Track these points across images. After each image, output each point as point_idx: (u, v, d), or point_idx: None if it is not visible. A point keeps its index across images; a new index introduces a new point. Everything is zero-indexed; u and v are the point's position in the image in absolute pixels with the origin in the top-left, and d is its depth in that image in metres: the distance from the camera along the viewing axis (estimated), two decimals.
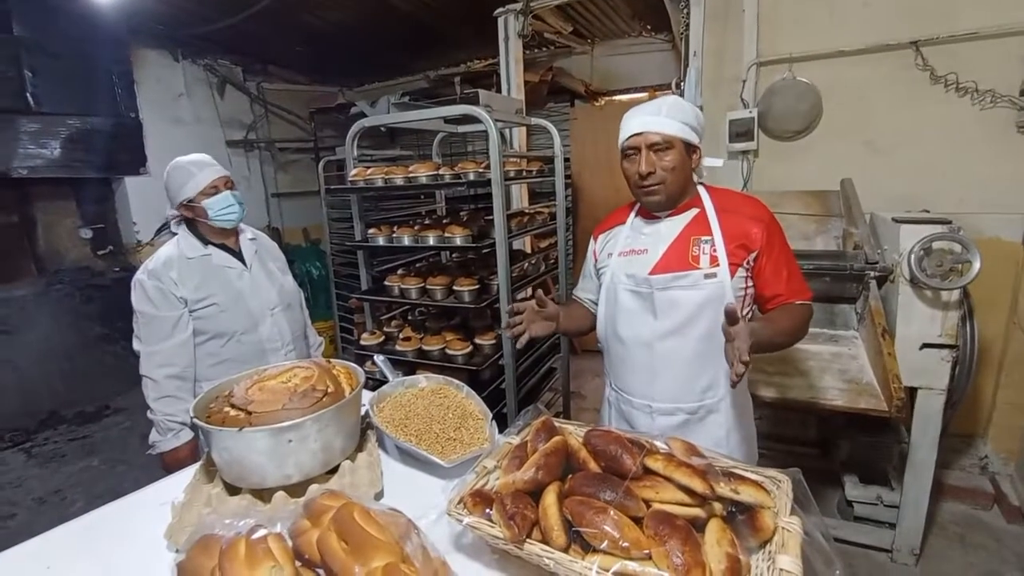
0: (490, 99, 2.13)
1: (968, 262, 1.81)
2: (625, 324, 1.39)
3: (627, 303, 1.38)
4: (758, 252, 1.29)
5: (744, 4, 2.64)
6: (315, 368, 1.20)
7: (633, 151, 1.30)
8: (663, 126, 1.25)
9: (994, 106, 2.31)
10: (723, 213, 1.32)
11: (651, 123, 1.26)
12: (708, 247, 1.29)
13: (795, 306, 1.31)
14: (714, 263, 1.27)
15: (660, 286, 1.31)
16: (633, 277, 1.35)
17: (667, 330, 1.32)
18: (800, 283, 1.33)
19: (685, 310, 1.30)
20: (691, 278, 1.28)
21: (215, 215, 1.66)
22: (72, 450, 3.51)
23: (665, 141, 1.26)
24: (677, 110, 1.27)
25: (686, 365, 1.33)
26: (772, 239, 1.30)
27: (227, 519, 0.81)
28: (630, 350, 1.39)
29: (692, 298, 1.29)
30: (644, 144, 1.27)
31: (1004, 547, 2.22)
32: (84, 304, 4.06)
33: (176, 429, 1.62)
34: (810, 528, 0.81)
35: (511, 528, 0.81)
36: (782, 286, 1.30)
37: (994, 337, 2.48)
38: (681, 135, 1.26)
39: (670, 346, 1.33)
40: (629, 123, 1.30)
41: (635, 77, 4.58)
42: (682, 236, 1.33)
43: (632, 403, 1.42)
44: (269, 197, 5.39)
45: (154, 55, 4.37)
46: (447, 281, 2.14)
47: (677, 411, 1.36)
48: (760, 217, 1.32)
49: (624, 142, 1.31)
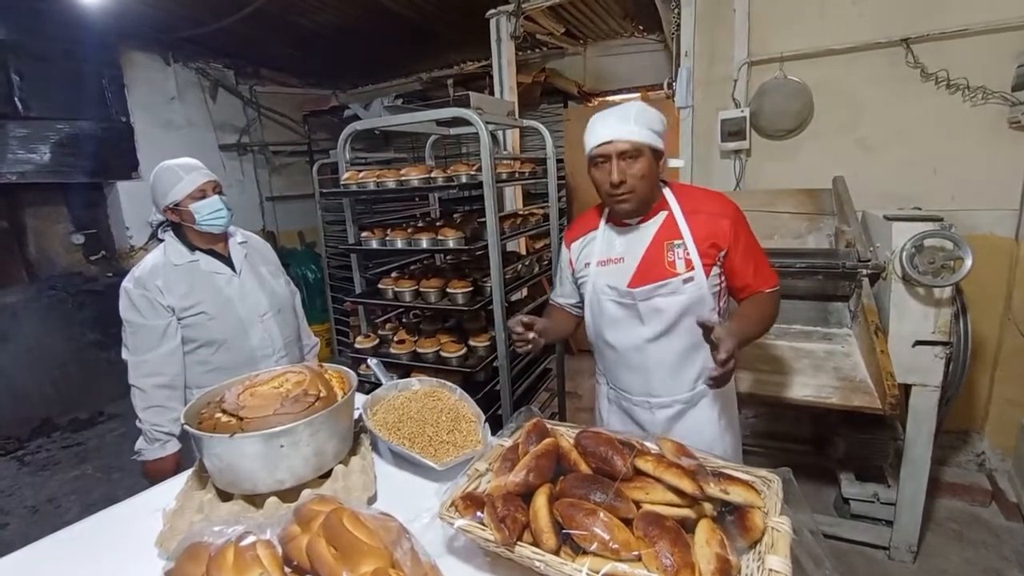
0: (481, 101, 2.13)
1: (960, 259, 1.81)
2: (613, 331, 1.44)
3: (613, 312, 1.42)
4: (728, 248, 1.34)
5: (735, 4, 2.65)
6: (307, 372, 1.19)
7: (602, 159, 1.30)
8: (632, 134, 1.25)
9: (985, 102, 2.32)
10: (691, 214, 1.35)
11: (620, 131, 1.26)
12: (681, 251, 1.33)
13: (763, 295, 1.38)
14: (689, 267, 1.32)
15: (643, 297, 1.36)
16: (615, 289, 1.39)
17: (655, 334, 1.38)
18: (767, 271, 1.40)
19: (669, 314, 1.35)
20: (671, 286, 1.33)
21: (202, 219, 1.62)
22: (66, 458, 3.49)
23: (635, 149, 1.26)
24: (645, 117, 1.28)
25: (676, 361, 1.40)
26: (739, 233, 1.35)
27: (216, 526, 0.80)
28: (622, 354, 1.45)
29: (674, 303, 1.34)
30: (614, 152, 1.27)
31: (1002, 544, 2.22)
32: (77, 310, 4.03)
33: (163, 440, 1.61)
34: (800, 527, 0.81)
35: (502, 531, 0.81)
36: (750, 277, 1.37)
37: (989, 333, 2.49)
38: (649, 142, 1.27)
39: (660, 347, 1.39)
40: (597, 130, 1.29)
41: (628, 77, 4.59)
42: (655, 242, 1.36)
43: (632, 400, 1.49)
44: (263, 201, 5.37)
45: (145, 58, 4.35)
46: (441, 284, 2.13)
47: (674, 402, 1.44)
48: (726, 213, 1.36)
49: (593, 149, 1.30)
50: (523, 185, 3.46)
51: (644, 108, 1.30)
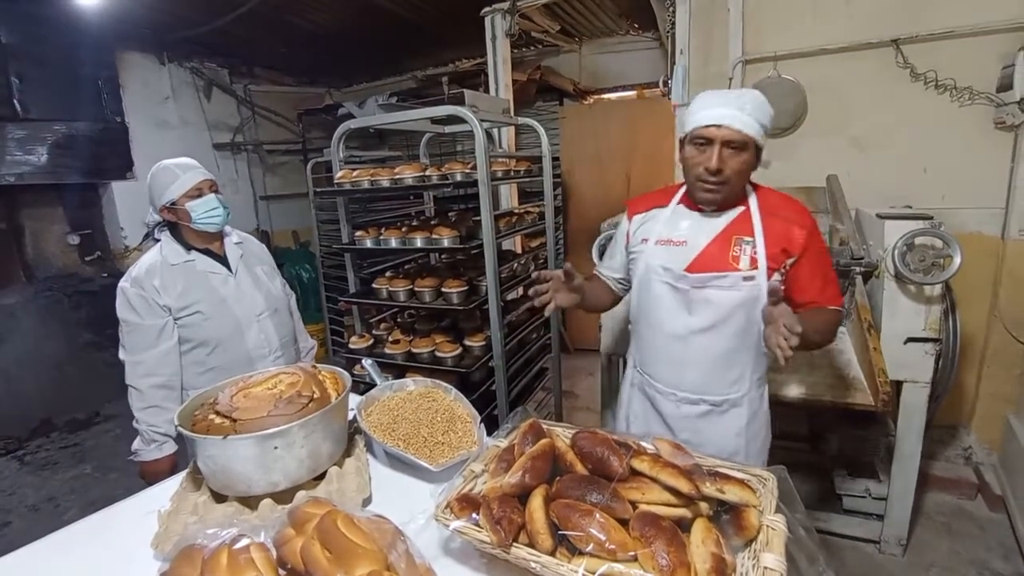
0: (476, 99, 2.12)
1: (949, 257, 1.83)
2: (658, 315, 1.37)
3: (661, 295, 1.35)
4: (797, 257, 1.27)
5: (729, 3, 2.66)
6: (300, 374, 1.19)
7: (704, 141, 1.22)
8: (744, 125, 1.18)
9: (972, 103, 2.35)
10: (767, 216, 1.29)
11: (733, 118, 1.18)
12: (749, 248, 1.26)
13: (827, 309, 1.30)
14: (753, 265, 1.25)
15: (697, 284, 1.29)
16: (670, 271, 1.32)
17: (701, 327, 1.31)
18: (834, 290, 1.32)
19: (720, 309, 1.29)
20: (729, 279, 1.26)
21: (198, 218, 1.62)
22: (64, 458, 3.48)
23: (742, 141, 1.19)
24: (759, 109, 1.20)
25: (717, 360, 1.33)
26: (812, 245, 1.28)
27: (211, 528, 0.80)
28: (662, 341, 1.39)
29: (728, 298, 1.28)
30: (720, 138, 1.19)
31: (988, 535, 2.26)
32: (73, 310, 4.02)
33: (160, 441, 1.61)
34: (794, 525, 0.82)
35: (497, 532, 0.81)
36: (816, 292, 1.29)
37: (976, 330, 2.52)
38: (757, 137, 1.20)
39: (703, 341, 1.32)
40: (707, 109, 1.21)
41: (623, 75, 4.59)
42: (724, 234, 1.29)
43: (658, 388, 1.43)
44: (257, 200, 5.35)
45: (139, 59, 4.32)
46: (436, 283, 2.13)
47: (702, 402, 1.37)
48: (803, 223, 1.29)
49: (697, 128, 1.22)
50: (518, 183, 3.46)
51: (759, 98, 1.21)
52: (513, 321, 2.37)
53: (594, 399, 3.29)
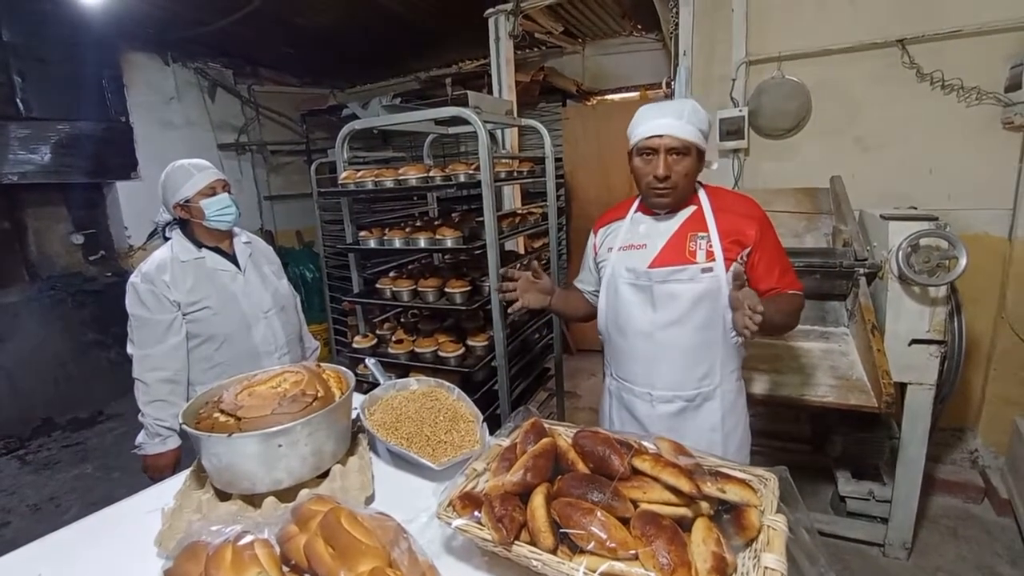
0: (479, 100, 2.13)
1: (955, 258, 1.82)
2: (625, 315, 1.44)
3: (627, 296, 1.43)
4: (751, 248, 1.35)
5: (733, 3, 2.65)
6: (305, 372, 1.19)
7: (649, 152, 1.31)
8: (684, 132, 1.27)
9: (979, 103, 2.33)
10: (719, 212, 1.38)
11: (673, 127, 1.27)
12: (704, 243, 1.34)
13: (787, 294, 1.38)
14: (710, 258, 1.33)
15: (659, 279, 1.36)
16: (633, 271, 1.40)
17: (666, 321, 1.38)
18: (792, 277, 1.41)
19: (683, 302, 1.35)
20: (688, 272, 1.34)
21: (212, 215, 1.67)
22: (66, 457, 3.49)
23: (684, 147, 1.29)
24: (696, 116, 1.30)
25: (684, 354, 1.39)
26: (765, 236, 1.37)
27: (214, 525, 0.81)
28: (631, 340, 1.45)
29: (689, 291, 1.34)
30: (663, 147, 1.29)
31: (995, 540, 2.24)
32: (76, 310, 4.04)
33: (164, 435, 1.63)
34: (795, 525, 0.82)
35: (499, 530, 0.81)
36: (775, 280, 1.38)
37: (983, 332, 2.50)
38: (697, 142, 1.30)
39: (669, 336, 1.39)
40: (649, 122, 1.31)
41: (626, 76, 4.59)
42: (679, 232, 1.38)
43: (633, 391, 1.48)
44: (261, 200, 5.37)
45: (144, 59, 4.35)
46: (439, 283, 2.14)
47: (676, 398, 1.42)
48: (753, 215, 1.38)
49: (641, 140, 1.32)
50: (522, 184, 3.46)
51: (697, 108, 1.32)
52: (516, 321, 2.37)
53: (596, 399, 3.28)
